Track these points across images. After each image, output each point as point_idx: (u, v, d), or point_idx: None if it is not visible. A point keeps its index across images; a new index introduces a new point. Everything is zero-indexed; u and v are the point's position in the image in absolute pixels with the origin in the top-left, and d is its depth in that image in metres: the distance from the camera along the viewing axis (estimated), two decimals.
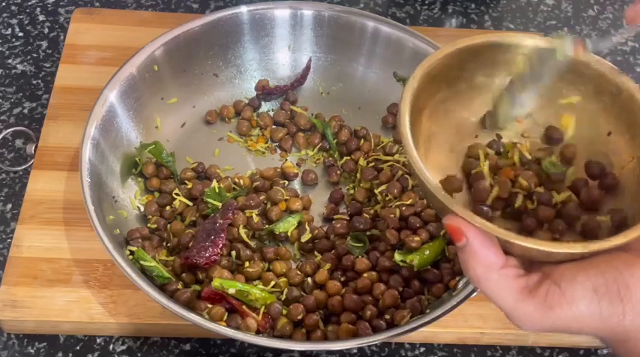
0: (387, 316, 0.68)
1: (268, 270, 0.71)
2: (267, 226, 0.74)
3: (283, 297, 0.69)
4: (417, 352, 0.72)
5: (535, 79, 0.57)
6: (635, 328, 0.47)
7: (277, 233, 0.73)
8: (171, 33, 0.80)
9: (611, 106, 0.56)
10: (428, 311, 0.67)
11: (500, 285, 0.48)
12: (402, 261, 0.69)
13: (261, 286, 0.69)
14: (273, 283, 0.69)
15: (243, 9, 0.83)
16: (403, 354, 0.71)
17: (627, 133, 0.56)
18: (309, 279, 0.70)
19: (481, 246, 0.48)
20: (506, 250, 0.49)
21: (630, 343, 0.48)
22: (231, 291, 0.66)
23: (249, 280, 0.69)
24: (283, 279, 0.70)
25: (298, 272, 0.71)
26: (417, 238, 0.70)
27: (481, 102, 0.59)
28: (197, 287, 0.69)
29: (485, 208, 0.55)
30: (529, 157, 0.57)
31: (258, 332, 0.66)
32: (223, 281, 0.66)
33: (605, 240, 0.48)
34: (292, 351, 0.71)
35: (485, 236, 0.48)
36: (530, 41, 0.57)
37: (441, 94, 0.58)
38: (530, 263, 0.51)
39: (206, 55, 0.83)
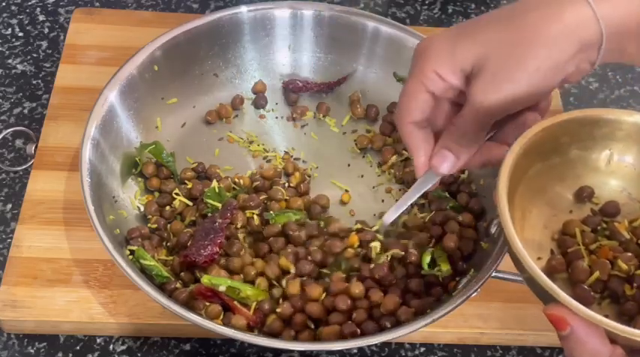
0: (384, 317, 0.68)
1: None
2: (265, 226, 0.74)
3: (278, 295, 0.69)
4: (417, 352, 0.72)
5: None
6: None
7: (272, 223, 0.73)
8: (171, 33, 0.80)
9: None
10: (428, 311, 0.67)
11: None
12: (429, 266, 0.69)
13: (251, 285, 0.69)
14: (259, 281, 0.69)
15: (243, 9, 0.83)
16: (403, 354, 0.71)
17: None
18: (285, 280, 0.69)
19: (586, 335, 0.47)
20: (611, 338, 0.48)
21: None
22: (222, 288, 0.66)
23: (232, 273, 0.69)
24: (261, 279, 0.70)
25: (276, 269, 0.70)
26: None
27: (575, 176, 0.59)
28: (193, 287, 0.69)
29: (589, 292, 0.54)
30: (627, 235, 0.57)
31: (249, 328, 0.66)
32: (213, 278, 0.67)
33: None
34: (292, 351, 0.71)
35: (593, 327, 0.48)
36: (630, 118, 0.57)
37: (534, 169, 0.57)
38: (636, 352, 0.50)
39: (206, 55, 0.83)
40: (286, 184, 0.78)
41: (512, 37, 0.55)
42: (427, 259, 0.69)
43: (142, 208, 0.75)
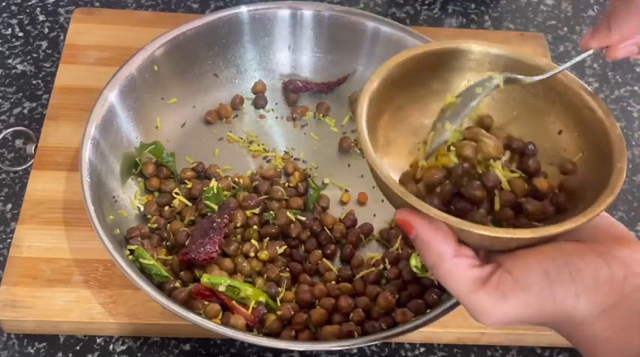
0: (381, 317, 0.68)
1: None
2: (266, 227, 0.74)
3: (281, 295, 0.69)
4: (417, 352, 0.72)
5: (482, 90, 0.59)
6: (589, 310, 0.48)
7: (270, 222, 0.73)
8: (171, 33, 0.80)
9: (559, 104, 0.58)
10: (428, 311, 0.67)
11: (453, 275, 0.49)
12: (416, 267, 0.69)
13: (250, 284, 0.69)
14: (259, 281, 0.70)
15: (243, 9, 0.83)
16: (403, 354, 0.71)
17: (575, 131, 0.57)
18: (287, 276, 0.70)
19: (431, 236, 0.49)
20: (460, 239, 0.49)
21: (585, 327, 0.48)
22: (221, 288, 0.66)
23: (228, 272, 0.70)
24: (260, 278, 0.70)
25: (277, 269, 0.71)
26: None
27: (438, 106, 0.60)
28: (192, 286, 0.69)
29: (434, 200, 0.55)
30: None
31: (248, 328, 0.66)
32: (212, 277, 0.67)
33: (555, 225, 0.48)
34: (292, 351, 0.71)
35: (435, 227, 0.49)
36: (479, 48, 0.59)
37: (399, 100, 0.59)
38: (487, 256, 0.51)
39: (206, 55, 0.83)
40: (286, 184, 0.78)
41: None
42: (413, 261, 0.69)
43: (142, 208, 0.75)
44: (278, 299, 0.69)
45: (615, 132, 0.54)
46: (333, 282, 0.71)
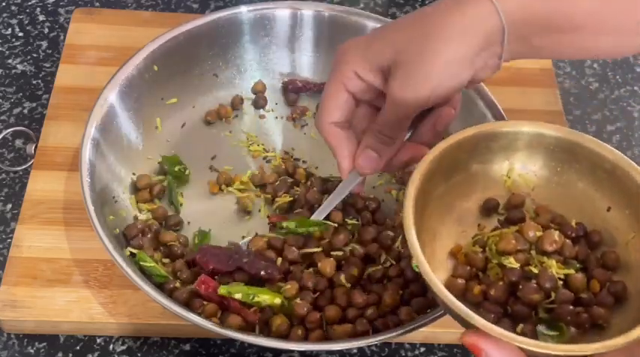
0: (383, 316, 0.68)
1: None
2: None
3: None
4: (417, 352, 0.72)
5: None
6: None
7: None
8: (171, 33, 0.80)
9: (607, 181, 0.58)
10: (428, 311, 0.67)
11: None
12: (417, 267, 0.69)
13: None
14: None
15: (243, 9, 0.83)
16: (403, 354, 0.71)
17: (627, 209, 0.57)
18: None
19: (500, 355, 0.48)
20: (527, 353, 0.49)
21: None
22: (238, 296, 0.66)
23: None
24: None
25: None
26: None
27: (479, 190, 0.61)
28: (193, 287, 0.69)
29: (497, 309, 0.55)
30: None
31: (248, 325, 0.66)
32: (229, 287, 0.66)
33: (622, 336, 0.48)
34: (292, 351, 0.71)
35: (504, 346, 0.48)
36: (524, 128, 0.59)
37: (439, 190, 0.58)
38: None
39: (206, 55, 0.83)
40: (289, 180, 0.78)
41: (422, 34, 0.57)
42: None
43: (142, 209, 0.75)
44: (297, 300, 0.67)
45: None
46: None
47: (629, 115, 0.92)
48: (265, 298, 0.66)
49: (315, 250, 0.71)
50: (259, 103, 0.85)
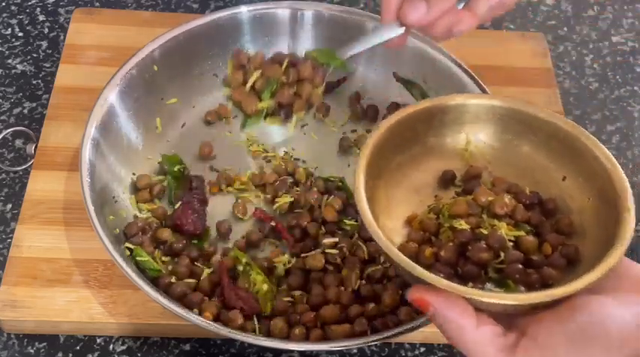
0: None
1: None
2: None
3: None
4: (417, 352, 0.72)
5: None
6: None
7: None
8: (171, 33, 0.80)
9: (561, 151, 0.59)
10: None
11: (479, 346, 0.48)
12: None
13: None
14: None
15: (243, 9, 0.83)
16: (403, 354, 0.71)
17: (580, 176, 0.58)
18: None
19: (449, 310, 0.48)
20: (476, 307, 0.49)
21: None
22: (240, 267, 0.69)
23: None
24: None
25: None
26: None
27: (436, 162, 0.61)
28: (190, 281, 0.69)
29: (443, 270, 0.55)
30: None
31: (247, 317, 0.67)
32: (238, 252, 0.70)
33: (567, 285, 0.48)
34: (292, 351, 0.71)
35: (453, 300, 0.48)
36: (473, 101, 0.60)
37: (396, 161, 0.60)
38: (508, 321, 0.50)
39: (206, 56, 0.83)
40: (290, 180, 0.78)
41: None
42: None
43: (142, 209, 0.75)
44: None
45: (620, 179, 0.54)
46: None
47: (629, 115, 0.92)
48: (258, 279, 0.67)
49: (312, 253, 0.71)
50: None
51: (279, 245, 0.74)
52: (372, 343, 0.69)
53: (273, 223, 0.74)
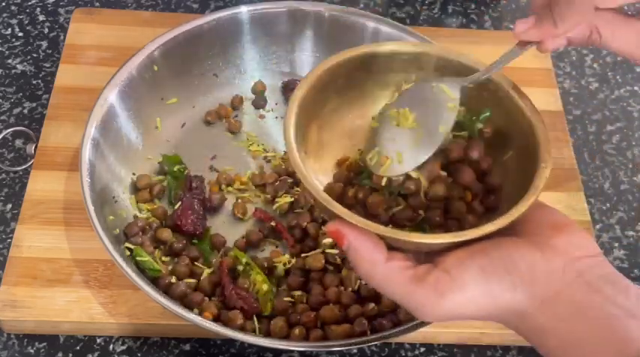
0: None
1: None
2: None
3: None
4: (417, 352, 0.72)
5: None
6: (528, 301, 0.48)
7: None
8: (171, 33, 0.80)
9: (491, 103, 0.58)
10: None
11: (388, 278, 0.49)
12: None
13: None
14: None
15: (243, 9, 0.83)
16: (403, 354, 0.71)
17: (505, 130, 0.58)
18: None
19: (362, 244, 0.49)
20: (391, 245, 0.50)
21: (529, 319, 0.49)
22: (240, 267, 0.70)
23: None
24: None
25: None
26: None
27: (373, 108, 0.61)
28: (190, 281, 0.69)
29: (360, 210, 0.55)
30: None
31: (247, 316, 0.67)
32: (238, 252, 0.70)
33: (476, 229, 0.49)
34: (292, 351, 0.71)
35: (366, 235, 0.49)
36: (406, 47, 0.59)
37: (331, 104, 0.59)
38: (423, 257, 0.52)
39: (206, 55, 0.83)
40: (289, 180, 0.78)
41: None
42: None
43: (142, 209, 0.75)
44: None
45: (542, 132, 0.55)
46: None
47: (629, 115, 0.92)
48: (258, 278, 0.68)
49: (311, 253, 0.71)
50: (259, 103, 0.85)
51: (279, 245, 0.75)
52: (372, 344, 0.69)
53: (273, 223, 0.74)
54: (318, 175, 0.57)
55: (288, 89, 0.85)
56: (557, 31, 0.55)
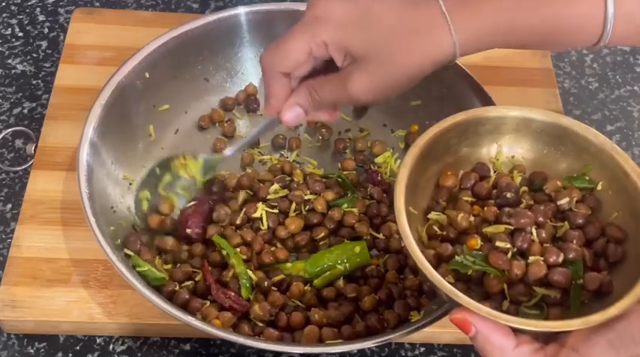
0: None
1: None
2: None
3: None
4: (417, 352, 0.72)
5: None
6: None
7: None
8: (163, 37, 0.79)
9: (592, 164, 0.60)
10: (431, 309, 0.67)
11: None
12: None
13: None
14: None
15: (241, 10, 0.82)
16: (403, 354, 0.71)
17: (610, 189, 0.59)
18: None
19: (491, 331, 0.51)
20: (517, 330, 0.51)
21: None
22: (224, 252, 0.70)
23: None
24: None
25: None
26: None
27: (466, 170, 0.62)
28: (187, 283, 0.69)
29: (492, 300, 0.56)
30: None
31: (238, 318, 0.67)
32: (219, 239, 0.70)
33: (601, 313, 0.50)
34: (292, 353, 0.71)
35: (492, 322, 0.51)
36: (512, 113, 0.61)
37: (430, 171, 0.61)
38: (548, 335, 0.52)
39: (196, 60, 0.82)
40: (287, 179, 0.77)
41: (393, 38, 0.59)
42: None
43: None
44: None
45: None
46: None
47: (629, 115, 0.92)
48: (235, 261, 0.69)
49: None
50: (251, 106, 0.85)
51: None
52: (373, 345, 0.69)
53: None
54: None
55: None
56: (273, 105, 0.65)
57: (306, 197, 0.74)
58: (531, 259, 0.55)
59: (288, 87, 0.64)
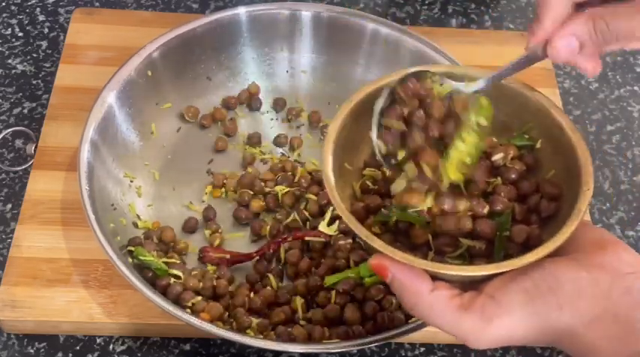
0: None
1: None
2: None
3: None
4: (417, 352, 0.72)
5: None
6: (576, 320, 0.48)
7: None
8: (166, 36, 0.79)
9: (533, 123, 0.59)
10: None
11: (434, 308, 0.50)
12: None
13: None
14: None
15: (242, 10, 0.82)
16: (403, 354, 0.71)
17: (549, 147, 0.59)
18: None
19: (406, 277, 0.50)
20: (433, 276, 0.51)
21: (578, 338, 0.49)
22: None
23: None
24: None
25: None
26: None
27: None
28: (183, 278, 0.70)
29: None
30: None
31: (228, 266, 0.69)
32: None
33: (517, 259, 0.50)
34: (292, 352, 0.71)
35: (409, 267, 0.50)
36: (456, 71, 0.59)
37: (366, 129, 0.59)
38: (465, 283, 0.52)
39: (198, 59, 0.82)
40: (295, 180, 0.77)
41: None
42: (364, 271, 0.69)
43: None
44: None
45: (584, 154, 0.55)
46: None
47: (629, 115, 0.92)
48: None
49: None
50: (254, 105, 0.85)
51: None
52: (373, 345, 0.69)
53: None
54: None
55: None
56: (544, 25, 0.52)
57: (307, 196, 0.74)
58: (459, 208, 0.55)
59: (567, 9, 0.51)
